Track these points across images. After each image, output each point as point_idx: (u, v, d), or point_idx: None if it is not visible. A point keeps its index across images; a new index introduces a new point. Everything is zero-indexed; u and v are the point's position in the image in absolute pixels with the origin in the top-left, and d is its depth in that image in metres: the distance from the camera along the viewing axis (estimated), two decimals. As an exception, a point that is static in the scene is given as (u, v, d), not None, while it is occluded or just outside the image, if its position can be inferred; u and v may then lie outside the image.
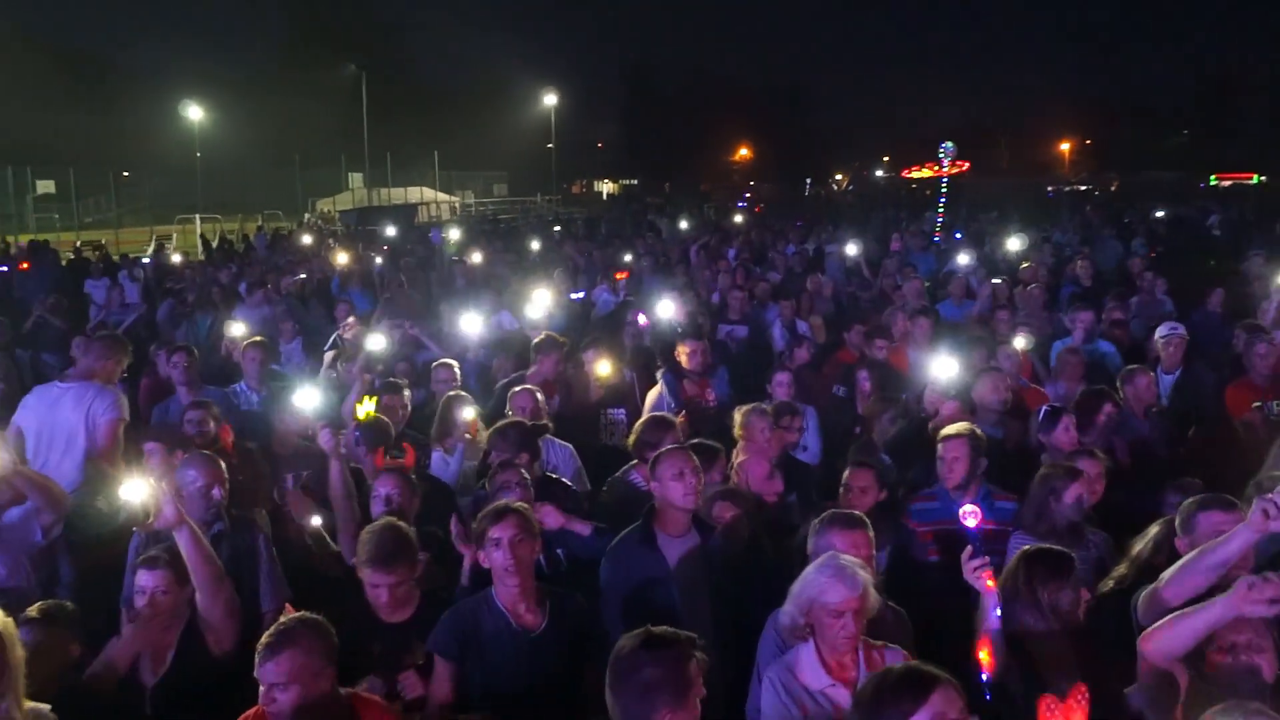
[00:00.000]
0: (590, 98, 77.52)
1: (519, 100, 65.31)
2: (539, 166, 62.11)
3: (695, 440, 5.28)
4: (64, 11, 71.64)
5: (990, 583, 3.66)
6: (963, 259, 13.29)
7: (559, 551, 4.78)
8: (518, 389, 6.59)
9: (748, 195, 51.93)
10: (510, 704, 3.77)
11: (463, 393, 6.58)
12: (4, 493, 4.97)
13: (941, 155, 20.75)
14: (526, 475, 5.07)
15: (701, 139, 76.82)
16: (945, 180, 21.71)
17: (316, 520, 4.89)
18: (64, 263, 18.60)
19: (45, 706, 3.38)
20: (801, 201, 49.80)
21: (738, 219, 26.43)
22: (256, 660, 3.24)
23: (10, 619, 3.34)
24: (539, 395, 6.53)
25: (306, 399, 5.70)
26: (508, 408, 6.41)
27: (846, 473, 5.19)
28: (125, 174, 42.89)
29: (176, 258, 18.95)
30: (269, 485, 5.82)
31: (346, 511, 5.02)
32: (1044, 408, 6.07)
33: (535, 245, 18.71)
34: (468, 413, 6.15)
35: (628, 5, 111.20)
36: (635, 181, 73.40)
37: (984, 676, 3.47)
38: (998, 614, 3.60)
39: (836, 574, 3.52)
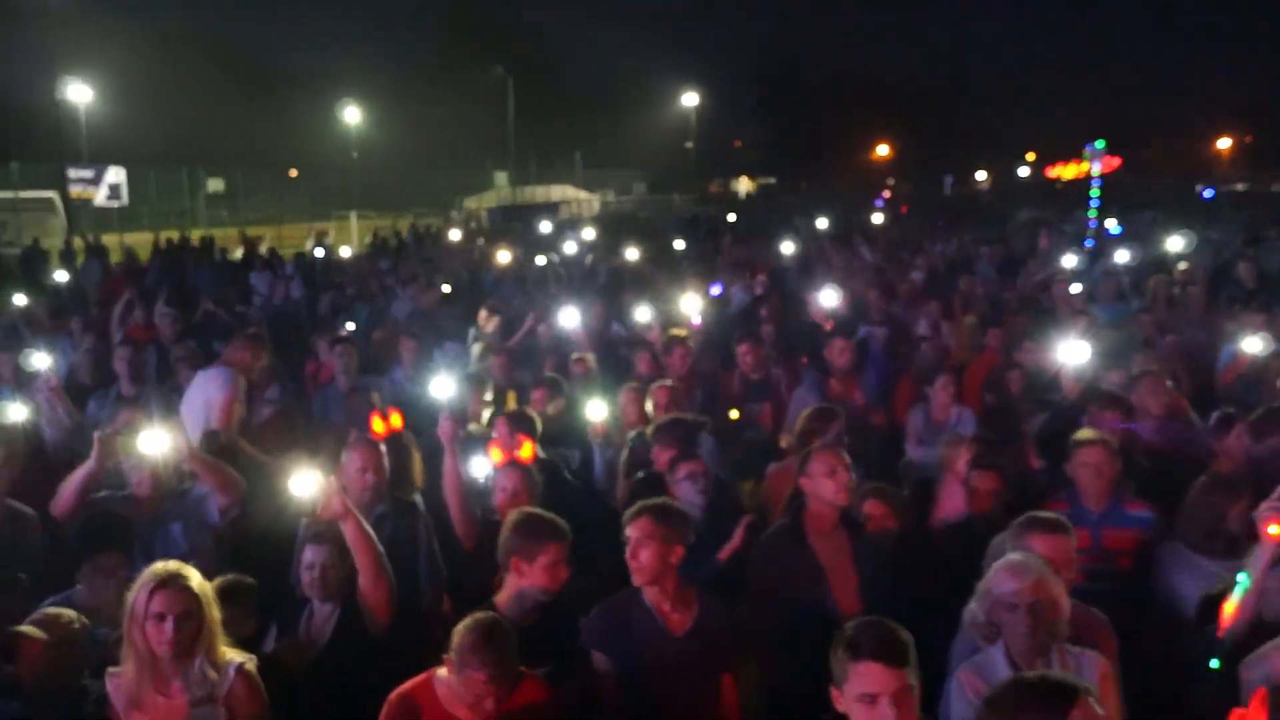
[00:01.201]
0: (729, 97, 77.43)
1: (658, 100, 65.76)
2: (677, 165, 62.44)
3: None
4: (238, 20, 75.42)
5: (1274, 530, 3.53)
6: (1120, 257, 12.92)
7: None
8: (656, 385, 6.61)
9: (886, 193, 51.06)
10: (650, 705, 3.83)
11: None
12: (183, 474, 5.32)
13: (1088, 154, 20.01)
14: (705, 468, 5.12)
15: (840, 136, 75.90)
16: (1096, 178, 20.95)
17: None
18: (233, 257, 19.64)
19: (248, 657, 3.71)
20: (942, 200, 48.71)
21: (877, 218, 26.06)
22: (462, 649, 3.43)
23: (208, 584, 3.70)
24: (678, 389, 6.61)
25: (441, 388, 5.72)
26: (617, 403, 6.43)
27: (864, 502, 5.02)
28: (293, 172, 44.90)
29: (346, 251, 19.87)
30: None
31: (458, 504, 5.03)
32: (1217, 413, 5.87)
33: (679, 244, 18.89)
34: (598, 412, 6.19)
35: (768, 4, 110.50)
36: (773, 180, 73.05)
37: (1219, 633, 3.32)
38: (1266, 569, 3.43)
39: (1010, 567, 3.50)
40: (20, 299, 11.26)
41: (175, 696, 3.59)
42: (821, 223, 24.23)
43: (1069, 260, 13.01)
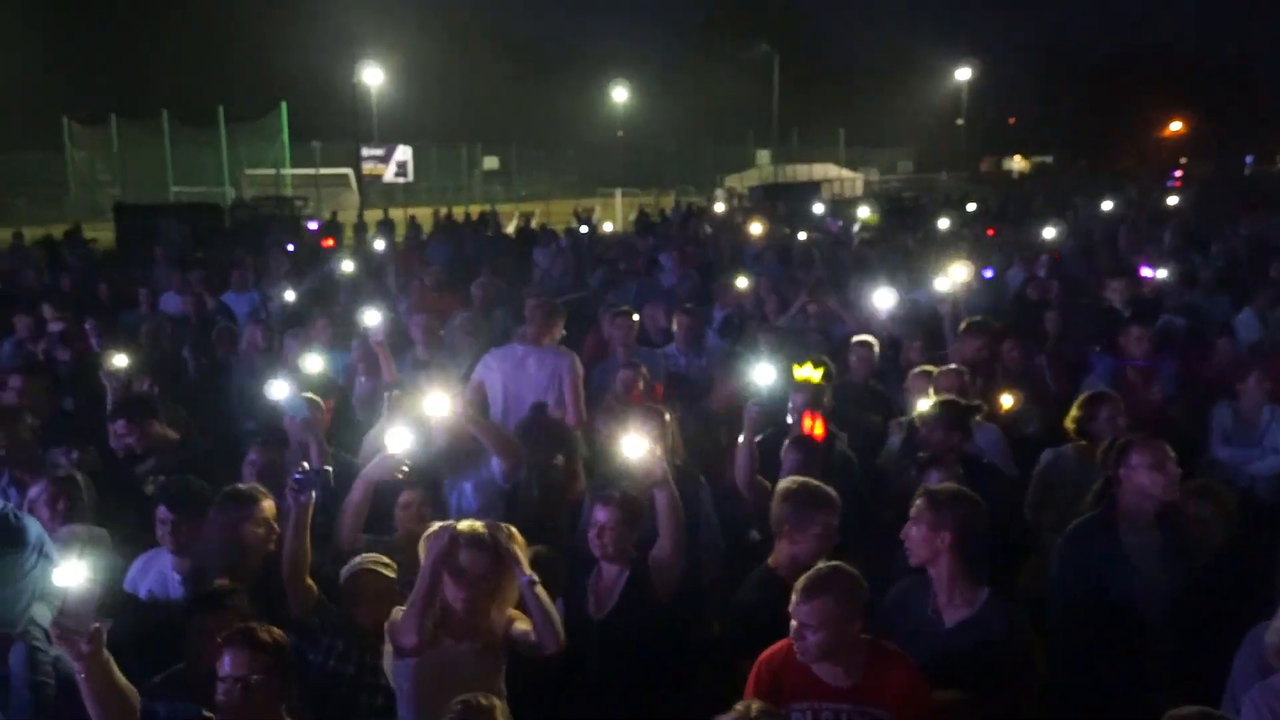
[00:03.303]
0: (1004, 72, 73.80)
1: (928, 76, 63.64)
2: (945, 143, 60.27)
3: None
4: (516, 4, 78.81)
5: None
6: None
7: None
8: (944, 369, 6.45)
9: (1177, 173, 47.21)
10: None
11: None
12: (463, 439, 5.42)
13: None
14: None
15: (1127, 113, 70.85)
16: None
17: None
18: (509, 231, 20.64)
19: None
20: (1241, 180, 44.55)
21: (1172, 199, 24.17)
22: (793, 600, 3.47)
23: (513, 545, 3.85)
24: (966, 375, 6.40)
25: (763, 375, 5.61)
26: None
27: None
28: (570, 152, 46.69)
29: (608, 227, 20.47)
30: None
31: (747, 479, 5.19)
32: None
33: (944, 224, 18.22)
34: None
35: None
36: (1049, 159, 69.18)
37: None
38: None
39: None
40: (347, 265, 12.21)
41: (462, 642, 3.78)
42: (1106, 204, 22.74)
43: None
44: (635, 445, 4.19)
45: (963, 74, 59.56)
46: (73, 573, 3.25)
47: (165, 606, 4.42)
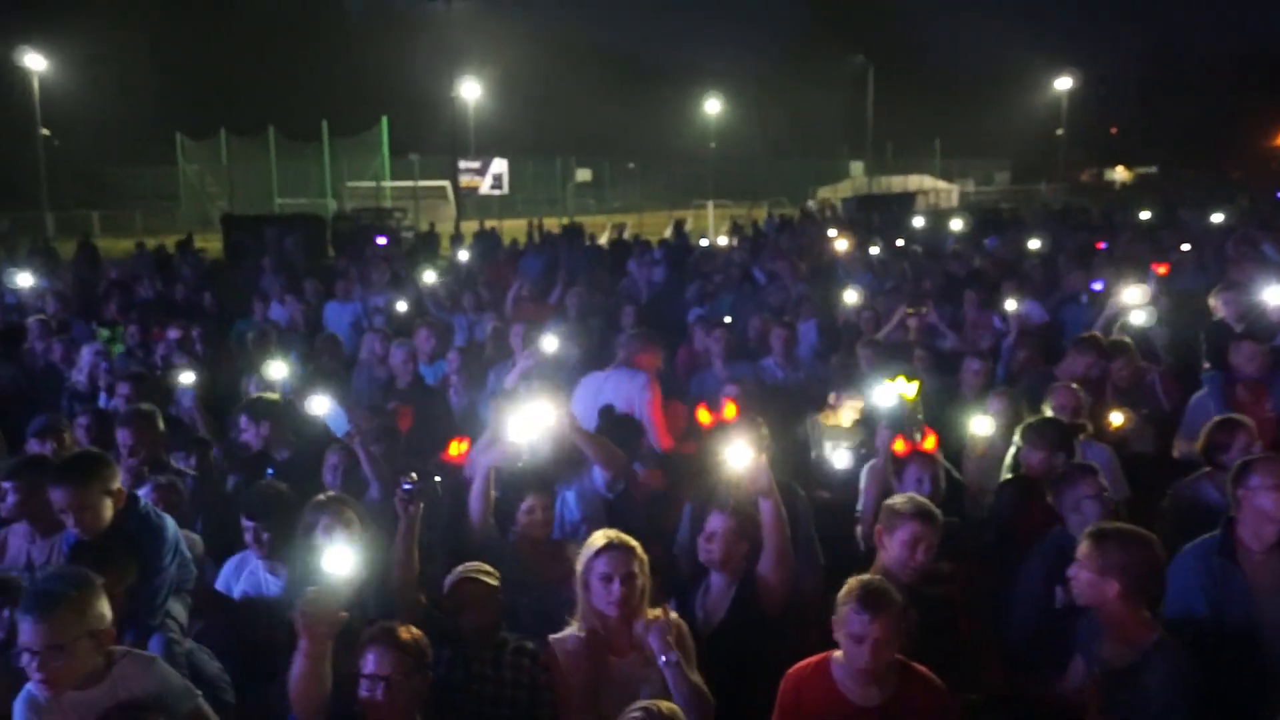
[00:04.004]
0: (1106, 80, 71.97)
1: (1026, 85, 62.37)
2: (1044, 153, 58.95)
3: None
4: (610, 19, 79.70)
5: None
6: None
7: None
8: (1058, 385, 6.30)
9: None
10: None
11: None
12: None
13: None
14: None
15: (1237, 121, 68.44)
16: None
17: None
18: (603, 243, 20.78)
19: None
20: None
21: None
22: (852, 610, 3.46)
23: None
24: (1080, 394, 6.23)
25: (885, 396, 5.45)
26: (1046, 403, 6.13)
27: None
28: (662, 165, 46.89)
29: (704, 242, 20.46)
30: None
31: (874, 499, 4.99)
32: None
33: (1042, 239, 17.69)
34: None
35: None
36: (1153, 169, 67.18)
37: None
38: None
39: None
40: (429, 276, 12.41)
41: (626, 654, 3.81)
42: (1216, 216, 21.96)
43: None
44: (741, 455, 4.19)
45: (1063, 83, 58.21)
46: (341, 559, 3.50)
47: (261, 605, 4.56)
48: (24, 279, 12.63)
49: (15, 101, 28.12)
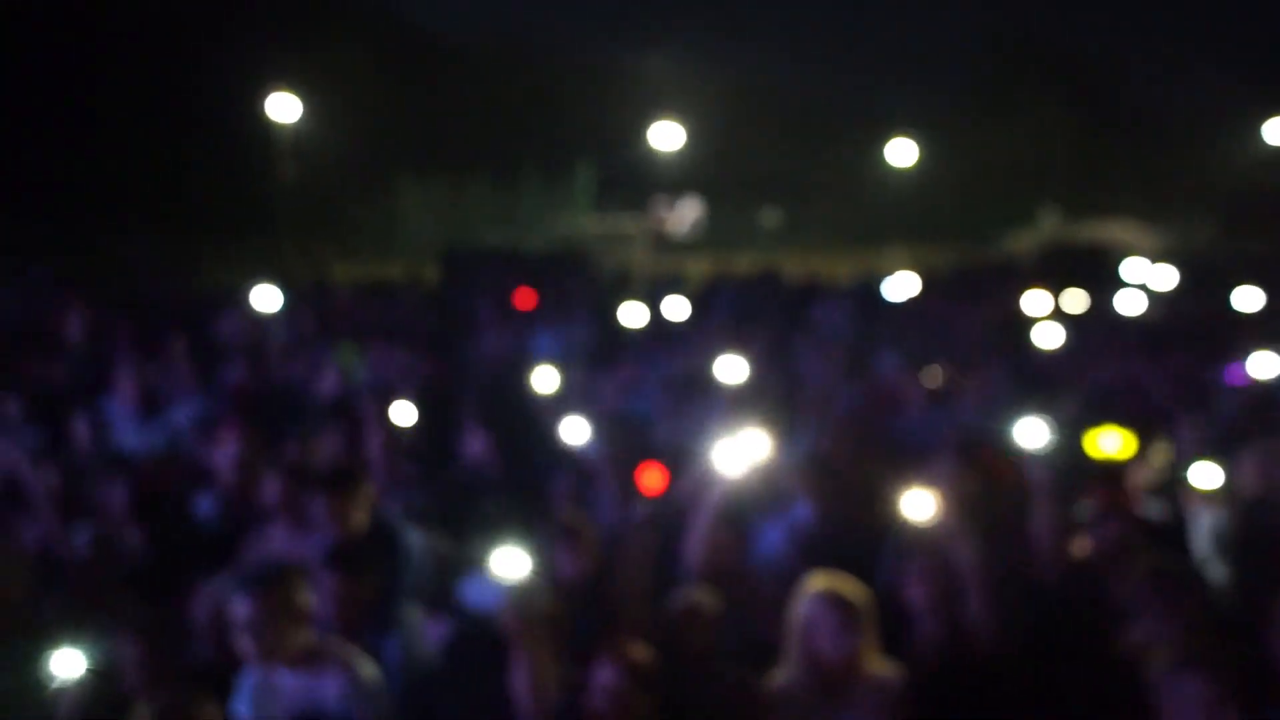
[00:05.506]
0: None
1: (1235, 131, 59.12)
2: (1253, 204, 55.78)
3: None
4: (800, 66, 79.86)
5: None
6: None
7: None
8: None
9: None
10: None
11: None
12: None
13: None
14: None
15: None
16: None
17: None
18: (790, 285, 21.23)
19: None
20: None
21: None
22: None
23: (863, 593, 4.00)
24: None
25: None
26: None
27: None
28: (848, 206, 47.16)
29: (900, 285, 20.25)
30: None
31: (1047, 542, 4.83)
32: None
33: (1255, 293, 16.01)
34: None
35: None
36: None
37: None
38: None
39: None
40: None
41: (843, 708, 3.78)
42: None
43: None
44: (930, 500, 4.19)
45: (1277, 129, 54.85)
46: (509, 561, 3.64)
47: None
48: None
49: (259, 134, 31.05)
